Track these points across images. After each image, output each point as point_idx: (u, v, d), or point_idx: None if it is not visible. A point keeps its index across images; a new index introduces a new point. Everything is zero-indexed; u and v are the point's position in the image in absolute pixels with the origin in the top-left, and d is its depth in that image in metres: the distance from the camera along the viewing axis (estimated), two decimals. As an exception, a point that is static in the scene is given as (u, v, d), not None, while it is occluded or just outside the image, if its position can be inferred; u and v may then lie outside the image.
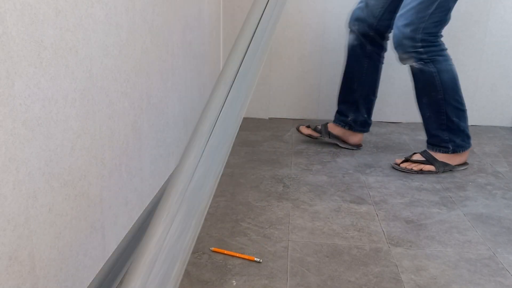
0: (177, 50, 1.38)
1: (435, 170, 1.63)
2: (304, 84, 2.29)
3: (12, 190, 0.60)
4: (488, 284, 0.98)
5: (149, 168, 1.18)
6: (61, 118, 0.71)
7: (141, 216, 1.12)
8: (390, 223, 1.24)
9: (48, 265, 0.70)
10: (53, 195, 0.70)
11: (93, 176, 0.84)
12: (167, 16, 1.26)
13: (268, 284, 0.95)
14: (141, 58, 1.06)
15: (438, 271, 1.02)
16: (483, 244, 1.14)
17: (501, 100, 2.30)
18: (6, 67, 0.57)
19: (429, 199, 1.41)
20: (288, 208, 1.32)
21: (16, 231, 0.61)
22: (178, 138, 1.46)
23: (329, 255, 1.07)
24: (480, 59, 2.24)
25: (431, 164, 1.63)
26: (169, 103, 1.32)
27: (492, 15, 2.17)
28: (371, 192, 1.45)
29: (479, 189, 1.50)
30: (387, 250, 1.10)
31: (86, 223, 0.82)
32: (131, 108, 1.01)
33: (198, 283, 0.95)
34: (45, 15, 0.65)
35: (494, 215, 1.31)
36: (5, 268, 0.60)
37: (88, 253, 0.84)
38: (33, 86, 0.63)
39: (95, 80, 0.82)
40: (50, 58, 0.67)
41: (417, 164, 1.64)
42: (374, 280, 0.98)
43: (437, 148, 1.64)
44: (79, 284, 0.81)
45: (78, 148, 0.77)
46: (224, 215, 1.26)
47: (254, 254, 1.06)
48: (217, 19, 2.11)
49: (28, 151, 0.63)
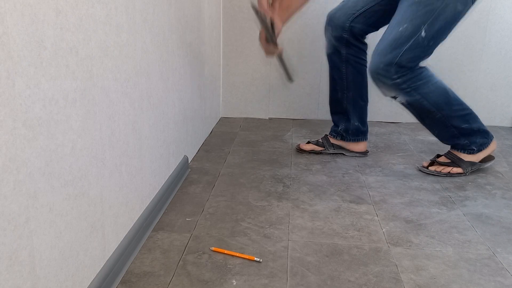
0: (177, 50, 1.38)
1: (463, 172, 1.60)
2: (304, 84, 2.29)
3: (13, 190, 0.60)
4: (488, 284, 0.98)
5: (149, 168, 1.18)
6: (61, 118, 0.71)
7: (141, 216, 1.12)
8: (390, 223, 1.24)
9: (48, 265, 0.70)
10: (53, 195, 0.70)
11: (94, 176, 0.84)
12: (167, 16, 1.26)
13: (268, 284, 0.95)
14: (141, 58, 1.07)
15: (438, 271, 1.02)
16: (483, 244, 1.15)
17: (501, 100, 2.30)
18: (7, 67, 0.57)
19: (428, 199, 1.41)
20: (288, 208, 1.32)
21: (16, 231, 0.62)
22: (178, 138, 1.46)
23: (329, 255, 1.07)
24: (480, 59, 2.24)
25: (458, 166, 1.60)
26: (169, 103, 1.32)
27: (492, 15, 2.17)
28: (371, 192, 1.45)
29: (478, 189, 1.50)
30: (387, 250, 1.10)
31: (86, 223, 0.83)
32: (131, 108, 1.02)
33: (198, 283, 0.95)
34: (45, 15, 0.65)
35: (493, 215, 1.31)
36: (5, 268, 0.60)
37: (88, 253, 0.84)
38: (34, 86, 0.63)
39: (95, 80, 0.82)
40: (50, 58, 0.67)
41: (444, 167, 1.61)
42: (374, 279, 0.98)
43: (462, 150, 1.61)
44: (79, 284, 0.81)
45: (79, 148, 0.77)
46: (224, 215, 1.26)
47: (254, 254, 1.06)
48: (217, 19, 2.11)
49: (29, 151, 0.63)
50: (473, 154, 1.60)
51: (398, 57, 1.43)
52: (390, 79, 1.47)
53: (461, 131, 1.57)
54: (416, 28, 1.43)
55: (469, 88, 2.29)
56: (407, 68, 1.45)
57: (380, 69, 1.47)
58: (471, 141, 1.59)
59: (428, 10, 1.42)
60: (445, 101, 1.53)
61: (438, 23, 1.43)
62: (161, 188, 1.28)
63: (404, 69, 1.45)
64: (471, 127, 1.57)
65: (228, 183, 1.49)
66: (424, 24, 1.43)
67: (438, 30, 1.44)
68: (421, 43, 1.44)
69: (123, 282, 0.95)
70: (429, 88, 1.50)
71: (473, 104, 2.30)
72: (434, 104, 1.53)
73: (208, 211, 1.29)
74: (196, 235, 1.15)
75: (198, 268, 1.01)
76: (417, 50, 1.44)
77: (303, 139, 1.99)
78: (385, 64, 1.45)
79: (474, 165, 1.61)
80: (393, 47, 1.44)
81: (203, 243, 1.11)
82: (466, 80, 2.27)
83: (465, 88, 2.29)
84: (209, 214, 1.27)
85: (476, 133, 1.59)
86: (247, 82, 2.34)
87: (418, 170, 1.66)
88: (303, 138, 2.01)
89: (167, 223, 1.21)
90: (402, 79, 1.47)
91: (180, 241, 1.12)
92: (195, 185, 1.47)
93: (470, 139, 1.59)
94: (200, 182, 1.50)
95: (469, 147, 1.60)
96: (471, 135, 1.58)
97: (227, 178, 1.53)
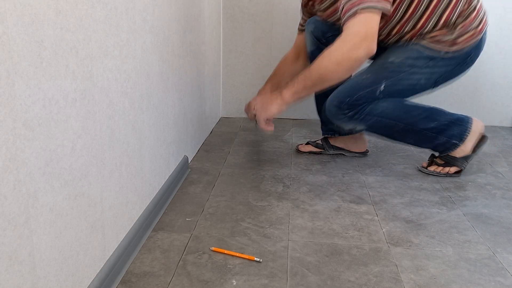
0: (177, 50, 1.38)
1: (460, 169, 1.59)
2: (304, 84, 2.29)
3: (12, 190, 0.60)
4: (488, 284, 0.98)
5: (149, 168, 1.18)
6: (61, 118, 0.71)
7: (141, 216, 1.12)
8: (390, 223, 1.24)
9: (48, 265, 0.70)
10: (53, 195, 0.70)
11: (93, 176, 0.84)
12: (167, 16, 1.26)
13: (268, 284, 0.95)
14: (141, 58, 1.07)
15: (438, 271, 1.02)
16: (483, 244, 1.15)
17: (501, 100, 2.30)
18: (6, 67, 0.57)
19: (428, 199, 1.41)
20: (288, 208, 1.32)
21: (16, 231, 0.62)
22: (178, 138, 1.46)
23: (329, 255, 1.07)
24: (480, 59, 2.24)
25: (453, 165, 1.59)
26: (169, 103, 1.32)
27: (492, 15, 2.17)
28: (371, 192, 1.45)
29: (478, 189, 1.50)
30: (387, 250, 1.10)
31: (86, 223, 0.83)
32: (131, 108, 1.02)
33: (198, 283, 0.95)
34: (45, 15, 0.65)
35: (493, 215, 1.31)
36: (5, 268, 0.60)
37: (88, 253, 0.84)
38: (34, 86, 0.63)
39: (95, 80, 0.82)
40: (50, 58, 0.67)
41: (442, 167, 1.60)
42: (374, 279, 0.98)
43: (447, 150, 1.59)
44: (79, 284, 0.81)
45: (79, 148, 0.77)
46: (224, 215, 1.26)
47: (254, 254, 1.06)
48: (217, 19, 2.11)
49: (29, 151, 0.63)
50: (459, 147, 1.56)
51: (351, 99, 1.49)
52: (343, 115, 1.51)
53: (432, 131, 1.54)
54: (377, 81, 1.49)
55: (469, 88, 2.29)
56: (357, 105, 1.50)
57: (334, 106, 1.51)
58: (448, 136, 1.55)
59: (395, 70, 1.49)
60: (402, 111, 1.52)
61: (399, 86, 1.50)
62: (161, 188, 1.28)
63: (355, 105, 1.50)
64: (440, 123, 1.54)
65: (228, 183, 1.49)
66: (386, 80, 1.49)
67: (396, 91, 1.50)
68: (375, 94, 1.49)
69: (123, 282, 0.95)
70: (381, 106, 1.51)
71: (473, 104, 2.30)
72: (392, 118, 1.53)
73: (208, 211, 1.29)
74: (196, 235, 1.15)
75: (198, 268, 1.01)
76: (370, 97, 1.49)
77: (303, 139, 1.99)
78: (338, 103, 1.50)
79: (468, 157, 1.58)
80: (350, 90, 1.49)
81: (203, 243, 1.11)
82: (466, 80, 2.27)
83: (465, 88, 2.29)
84: (209, 214, 1.27)
85: (449, 126, 1.54)
86: (247, 82, 2.34)
87: (418, 170, 1.66)
88: (303, 138, 2.01)
89: (167, 223, 1.21)
90: (353, 112, 1.51)
91: (180, 241, 1.12)
92: (195, 185, 1.47)
93: (447, 134, 1.55)
94: (200, 182, 1.50)
95: (451, 142, 1.56)
96: (445, 130, 1.54)
97: (227, 178, 1.53)
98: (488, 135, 2.16)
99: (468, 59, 1.53)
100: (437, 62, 1.50)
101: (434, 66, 1.50)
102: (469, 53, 1.51)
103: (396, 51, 1.54)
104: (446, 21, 1.47)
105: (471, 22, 1.47)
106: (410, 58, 1.50)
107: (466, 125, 1.56)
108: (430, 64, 1.50)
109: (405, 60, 1.50)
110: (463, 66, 1.54)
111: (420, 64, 1.50)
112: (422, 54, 1.50)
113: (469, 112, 2.28)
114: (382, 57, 1.56)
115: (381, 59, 1.55)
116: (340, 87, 1.52)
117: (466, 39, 1.48)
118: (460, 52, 1.50)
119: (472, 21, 1.47)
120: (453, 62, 1.51)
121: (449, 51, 1.49)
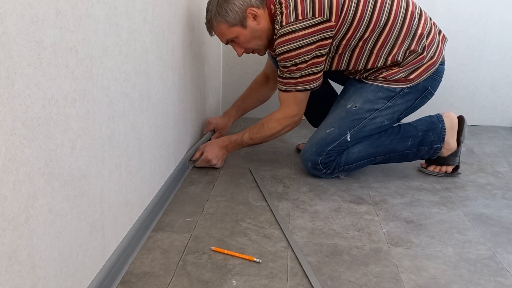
0: (177, 50, 1.38)
1: (454, 166, 1.59)
2: (304, 84, 2.29)
3: (12, 190, 0.60)
4: (488, 284, 0.98)
5: (149, 168, 1.18)
6: (61, 118, 0.71)
7: (141, 216, 1.12)
8: (390, 223, 1.24)
9: (48, 265, 0.70)
10: (53, 195, 0.70)
11: (93, 176, 0.84)
12: (167, 16, 1.26)
13: (268, 284, 0.95)
14: (141, 58, 1.06)
15: (438, 271, 1.02)
16: (483, 244, 1.14)
17: (501, 100, 2.30)
18: (6, 67, 0.57)
19: (429, 199, 1.41)
20: (288, 208, 1.32)
21: (16, 231, 0.61)
22: (178, 138, 1.46)
23: (329, 255, 1.07)
24: (480, 59, 2.24)
25: (446, 164, 1.60)
26: (169, 103, 1.32)
27: (492, 15, 2.17)
28: (371, 192, 1.45)
29: (479, 189, 1.50)
30: (387, 250, 1.10)
31: (86, 223, 0.82)
32: (131, 108, 1.01)
33: (198, 283, 0.95)
34: (45, 15, 0.65)
35: (494, 215, 1.31)
36: (5, 268, 0.60)
37: (88, 253, 0.84)
38: (33, 86, 0.63)
39: (95, 80, 0.82)
40: (50, 58, 0.66)
41: (440, 166, 1.61)
42: (374, 280, 0.98)
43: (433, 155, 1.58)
44: (79, 284, 0.81)
45: (78, 148, 0.77)
46: (224, 215, 1.26)
47: (254, 254, 1.06)
48: (217, 19, 2.10)
49: (28, 151, 0.63)
50: (443, 146, 1.56)
51: (322, 157, 1.52)
52: (323, 174, 1.55)
53: (412, 147, 1.55)
54: (342, 133, 1.52)
55: (469, 88, 2.29)
56: (331, 161, 1.53)
57: (310, 168, 1.56)
58: (429, 144, 1.55)
59: (356, 119, 1.51)
60: (375, 146, 1.54)
61: (364, 132, 1.53)
62: (161, 188, 1.28)
63: (328, 162, 1.53)
64: (415, 137, 1.54)
65: (228, 183, 1.49)
66: (350, 130, 1.52)
67: (363, 137, 1.53)
68: (343, 145, 1.52)
69: (122, 282, 0.95)
70: (354, 153, 1.53)
71: (473, 104, 2.30)
72: (369, 156, 1.55)
73: (208, 211, 1.28)
74: (196, 235, 1.15)
75: (198, 268, 1.00)
76: (340, 149, 1.53)
77: (303, 139, 1.99)
78: (313, 165, 1.54)
79: (457, 152, 1.59)
80: (319, 148, 1.52)
81: (203, 243, 1.11)
82: (466, 80, 2.27)
83: (465, 88, 2.29)
84: (209, 214, 1.27)
85: (425, 135, 1.55)
86: (247, 82, 2.34)
87: (418, 170, 1.66)
88: (303, 138, 2.01)
89: (167, 223, 1.21)
90: (331, 169, 1.54)
91: (180, 241, 1.11)
92: (195, 185, 1.46)
93: (426, 143, 1.55)
94: (200, 182, 1.49)
95: (433, 148, 1.56)
96: (423, 140, 1.55)
97: (227, 178, 1.53)
98: (489, 135, 2.16)
99: (426, 92, 1.53)
100: (395, 101, 1.50)
101: (394, 106, 1.50)
102: (425, 87, 1.51)
103: (354, 94, 1.53)
104: (393, 60, 1.46)
105: (422, 59, 1.47)
106: (368, 102, 1.50)
107: (439, 126, 1.56)
108: (389, 104, 1.50)
109: (363, 105, 1.50)
110: (423, 99, 1.55)
111: (379, 107, 1.50)
112: (380, 95, 1.50)
113: (469, 112, 2.29)
114: (341, 101, 1.56)
115: (341, 105, 1.55)
116: (307, 146, 1.55)
117: (419, 74, 1.48)
118: (417, 88, 1.50)
119: (424, 58, 1.47)
120: (412, 97, 1.51)
121: (404, 87, 1.49)
